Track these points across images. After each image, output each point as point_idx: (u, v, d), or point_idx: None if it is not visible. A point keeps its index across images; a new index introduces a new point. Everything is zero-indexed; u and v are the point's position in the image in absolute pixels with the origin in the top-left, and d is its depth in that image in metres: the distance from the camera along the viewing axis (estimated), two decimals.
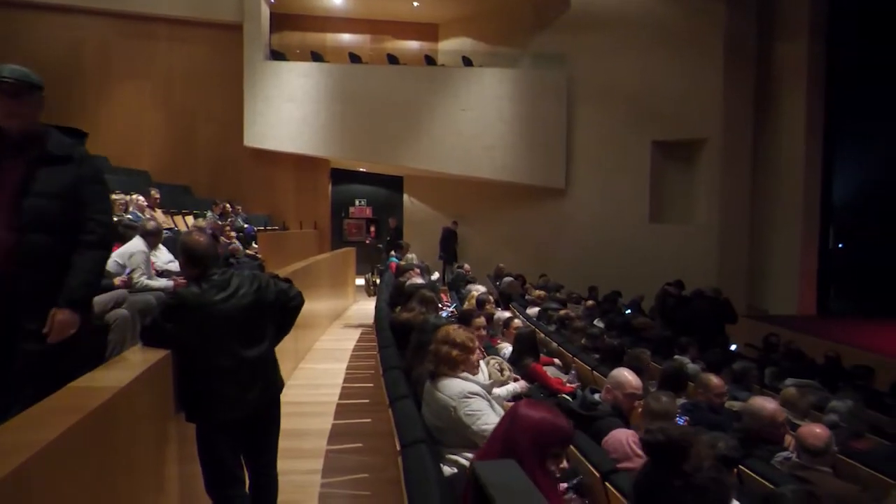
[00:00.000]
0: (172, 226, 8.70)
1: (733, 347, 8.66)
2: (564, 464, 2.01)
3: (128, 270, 4.24)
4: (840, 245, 15.66)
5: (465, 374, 2.92)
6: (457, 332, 3.04)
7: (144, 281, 4.32)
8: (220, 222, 8.93)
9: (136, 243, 4.52)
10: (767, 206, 14.58)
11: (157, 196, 8.48)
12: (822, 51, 14.13)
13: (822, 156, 14.28)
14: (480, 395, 2.84)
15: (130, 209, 6.93)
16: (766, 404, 3.56)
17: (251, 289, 2.80)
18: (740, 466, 3.09)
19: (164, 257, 5.16)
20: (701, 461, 1.44)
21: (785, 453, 3.40)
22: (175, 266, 4.92)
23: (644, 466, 1.55)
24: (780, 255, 14.42)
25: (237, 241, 8.56)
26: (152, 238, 4.70)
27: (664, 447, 1.45)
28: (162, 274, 4.82)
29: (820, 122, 14.16)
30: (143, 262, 4.40)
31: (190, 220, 9.48)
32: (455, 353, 2.93)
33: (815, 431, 3.12)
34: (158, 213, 8.17)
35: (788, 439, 3.50)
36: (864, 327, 12.41)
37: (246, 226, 10.52)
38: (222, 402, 2.67)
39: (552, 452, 1.92)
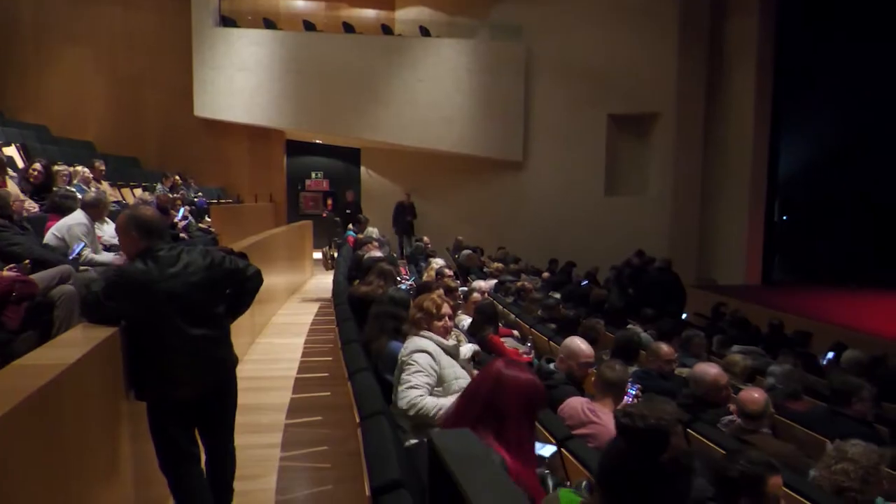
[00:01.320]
0: (120, 199, 8.39)
1: (684, 316, 8.97)
2: None
3: (77, 249, 4.07)
4: (784, 217, 16.28)
5: (425, 333, 2.93)
6: (426, 297, 3.06)
7: (89, 255, 4.15)
8: (170, 195, 8.66)
9: (76, 216, 4.31)
10: (717, 180, 15.01)
11: (103, 168, 8.15)
12: (772, 28, 14.46)
13: (769, 131, 14.73)
14: (431, 352, 2.83)
15: (75, 181, 6.64)
16: (708, 369, 3.71)
17: (202, 266, 2.70)
18: (688, 430, 3.23)
19: (110, 231, 4.98)
20: (677, 451, 1.40)
21: (729, 416, 3.56)
22: None
23: (615, 446, 1.46)
24: (728, 226, 14.90)
25: (190, 216, 8.33)
26: (94, 210, 4.46)
27: (643, 435, 1.38)
28: (109, 248, 4.65)
29: (768, 98, 14.55)
30: (83, 235, 4.19)
31: (139, 192, 9.15)
32: (418, 315, 2.96)
33: (754, 396, 3.28)
34: (104, 186, 7.86)
35: (733, 407, 3.66)
36: (805, 295, 12.99)
37: (198, 199, 10.24)
38: (171, 381, 2.61)
39: (538, 412, 1.96)
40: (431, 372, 2.76)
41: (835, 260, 15.50)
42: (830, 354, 7.00)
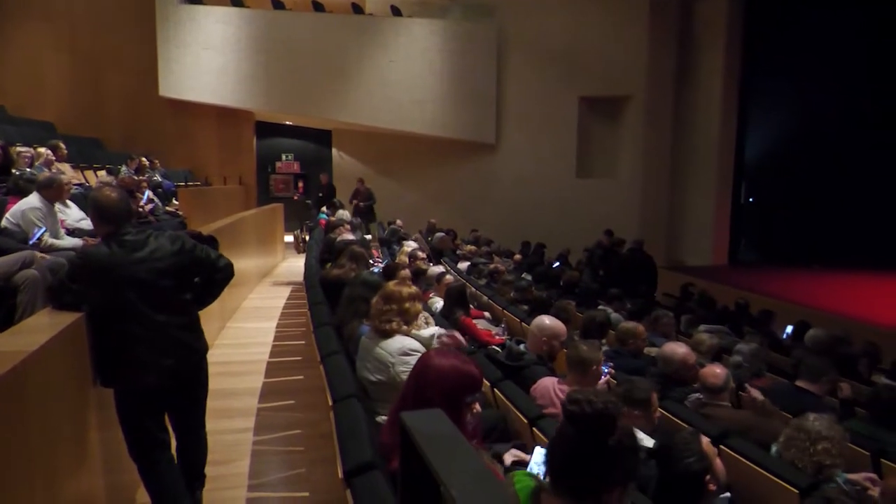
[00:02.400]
0: (83, 181, 8.16)
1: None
2: (477, 408, 2.07)
3: (37, 234, 3.94)
4: (751, 199, 16.62)
5: (407, 330, 2.95)
6: (400, 289, 3.04)
7: (50, 240, 4.01)
8: (135, 177, 8.45)
9: (31, 200, 4.10)
10: (686, 162, 15.24)
11: (65, 149, 7.89)
12: (740, 11, 14.64)
13: (736, 114, 14.97)
14: (420, 352, 2.87)
15: (36, 164, 6.43)
16: (676, 349, 3.80)
17: (170, 251, 2.64)
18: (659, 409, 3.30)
19: (74, 214, 4.85)
20: (623, 434, 1.43)
21: (697, 394, 3.65)
22: (87, 224, 4.63)
23: (564, 433, 1.48)
24: (696, 208, 15.18)
25: (156, 199, 8.14)
26: (49, 192, 4.21)
27: (590, 420, 1.41)
28: (73, 233, 4.53)
29: (736, 81, 14.78)
30: (39, 220, 4.01)
31: (102, 174, 8.91)
32: (393, 308, 2.95)
33: (715, 371, 3.40)
34: (66, 168, 7.63)
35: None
36: (769, 276, 13.33)
37: (165, 181, 10.01)
38: (136, 367, 2.56)
39: (465, 401, 1.96)
40: None
41: (798, 241, 15.92)
42: (789, 329, 7.21)
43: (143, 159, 9.87)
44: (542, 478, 1.56)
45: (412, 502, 0.86)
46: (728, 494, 2.24)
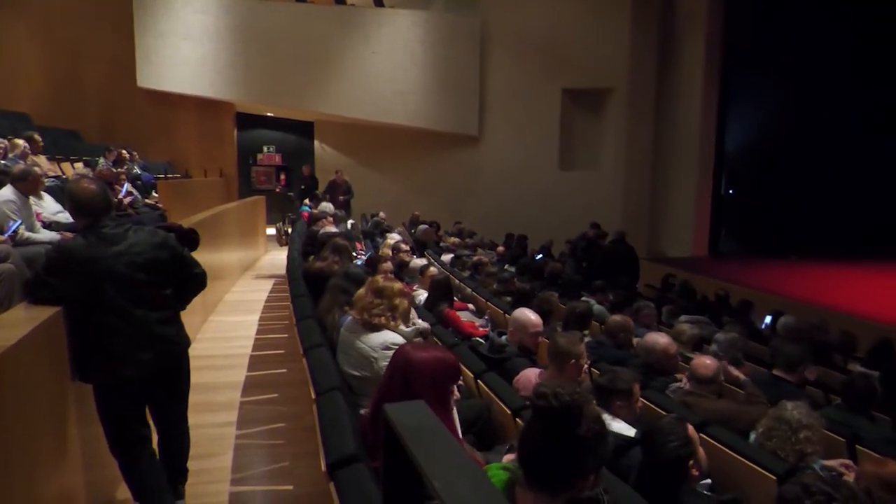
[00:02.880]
0: (60, 174, 8.01)
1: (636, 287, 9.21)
2: (457, 394, 2.09)
3: (12, 227, 3.86)
4: (731, 191, 16.81)
5: (395, 326, 2.95)
6: (388, 284, 3.04)
7: (26, 234, 3.94)
8: (114, 169, 8.31)
9: (4, 192, 4.05)
10: (667, 155, 15.35)
11: (41, 141, 7.74)
12: (722, 3, 14.72)
13: (717, 106, 15.10)
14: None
15: (10, 155, 6.30)
16: (658, 339, 3.84)
17: (150, 245, 2.61)
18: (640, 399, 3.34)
19: (50, 207, 4.77)
20: (591, 422, 1.44)
21: (678, 384, 3.70)
22: (64, 217, 4.56)
23: (534, 427, 1.48)
24: (677, 200, 15.31)
25: (135, 192, 8.02)
26: (24, 185, 4.16)
27: (557, 413, 1.41)
28: (49, 226, 4.45)
29: (716, 73, 14.89)
30: (13, 213, 3.95)
31: (79, 167, 8.76)
32: (384, 303, 2.94)
33: (706, 362, 3.41)
34: (42, 160, 7.49)
35: (681, 375, 3.80)
36: (748, 266, 13.50)
37: (144, 174, 9.87)
38: (114, 361, 2.52)
39: (449, 388, 2.00)
40: None
41: (776, 233, 16.15)
42: (768, 319, 7.32)
43: (122, 151, 9.73)
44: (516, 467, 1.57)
45: (396, 494, 0.87)
46: (709, 481, 2.28)
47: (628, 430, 2.62)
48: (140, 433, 2.66)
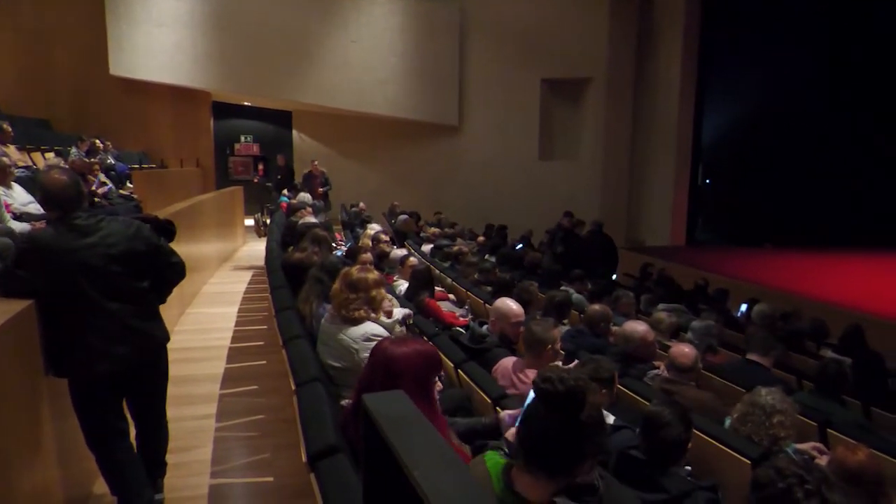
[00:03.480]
0: (30, 164, 7.83)
1: (614, 277, 9.31)
2: (440, 386, 2.10)
3: None
4: (707, 181, 17.01)
5: (375, 318, 2.94)
6: (365, 276, 3.02)
7: None
8: (87, 160, 8.15)
9: None
10: (646, 145, 15.48)
11: (10, 130, 7.55)
12: None
13: (694, 97, 15.24)
14: (383, 336, 2.87)
15: None
16: (636, 327, 3.89)
17: (124, 236, 2.55)
18: (619, 385, 3.38)
19: (21, 198, 4.66)
20: (593, 409, 1.45)
21: (656, 371, 3.75)
22: (35, 208, 4.46)
23: (536, 411, 1.50)
24: (655, 190, 15.46)
25: (109, 182, 7.88)
26: None
27: (562, 398, 1.43)
28: (20, 217, 4.35)
29: (694, 64, 15.01)
30: None
31: (50, 157, 8.57)
32: (361, 296, 2.93)
33: (684, 351, 3.45)
34: (11, 150, 7.30)
35: (659, 362, 3.86)
36: (725, 255, 13.71)
37: (118, 164, 9.69)
38: (89, 356, 2.47)
39: (432, 381, 2.02)
40: None
41: (751, 222, 16.40)
42: (744, 307, 7.45)
43: (96, 141, 9.54)
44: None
45: (376, 485, 0.87)
46: (689, 468, 2.32)
47: (609, 417, 2.66)
48: (117, 427, 2.63)
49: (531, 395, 1.96)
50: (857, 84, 15.41)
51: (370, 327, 2.88)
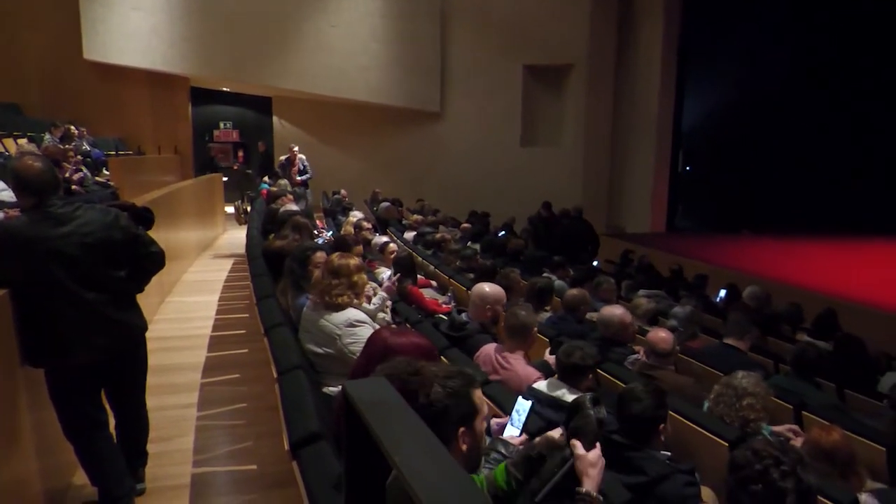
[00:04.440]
0: (2, 150, 7.66)
1: (595, 263, 9.38)
2: None
3: None
4: (687, 168, 17.16)
5: (358, 303, 2.93)
6: (346, 261, 3.00)
7: None
8: (61, 146, 7.98)
9: None
10: (627, 132, 15.55)
11: None
12: None
13: (675, 83, 15.32)
14: (366, 322, 2.87)
15: None
16: (614, 311, 3.95)
17: (101, 224, 2.51)
18: (598, 370, 3.42)
19: None
20: (430, 388, 1.44)
21: (635, 356, 3.80)
22: (8, 195, 4.36)
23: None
24: (636, 177, 15.57)
25: (85, 170, 7.73)
26: None
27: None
28: None
29: (674, 51, 15.08)
30: None
31: (23, 143, 8.38)
32: (343, 282, 2.91)
33: (662, 336, 3.51)
34: None
35: (639, 347, 3.91)
36: (704, 241, 13.87)
37: (94, 150, 9.51)
38: (66, 345, 2.44)
39: None
40: None
41: (730, 209, 16.61)
42: (722, 293, 7.56)
43: (70, 127, 9.35)
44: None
45: (357, 470, 0.87)
46: (668, 453, 2.36)
47: None
48: (95, 417, 2.60)
49: (520, 399, 2.00)
50: (834, 73, 15.60)
51: (352, 313, 2.87)
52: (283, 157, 11.19)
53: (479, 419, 1.50)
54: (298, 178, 10.71)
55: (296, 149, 11.23)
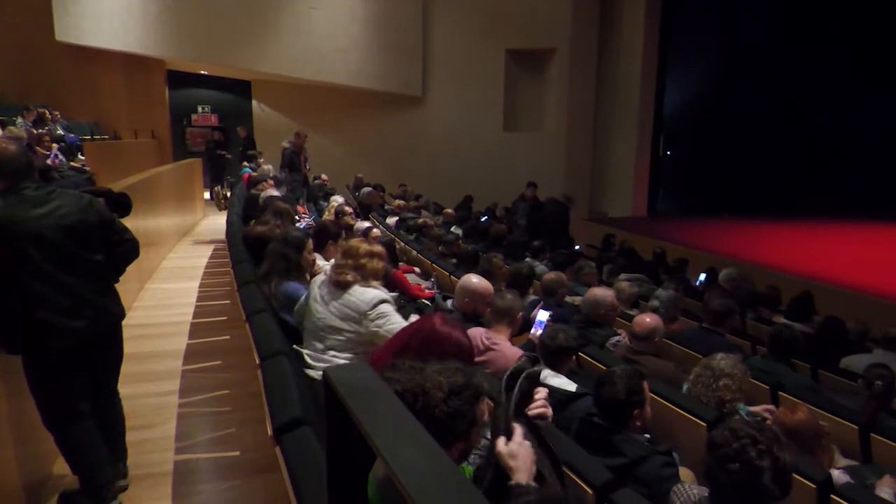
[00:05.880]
0: None
1: (577, 248, 9.44)
2: None
3: None
4: (668, 152, 17.28)
5: (364, 284, 2.91)
6: (358, 245, 3.01)
7: None
8: (34, 131, 7.81)
9: None
10: (608, 116, 15.59)
11: None
12: None
13: (656, 68, 15.37)
14: (389, 301, 2.89)
15: None
16: (606, 292, 4.02)
17: (76, 207, 2.48)
18: (581, 353, 3.46)
19: None
20: (434, 410, 1.39)
21: (616, 338, 3.84)
22: None
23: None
24: (618, 161, 15.64)
25: (60, 154, 7.57)
26: None
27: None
28: None
29: (656, 36, 15.11)
30: None
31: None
32: (352, 262, 2.91)
33: (645, 320, 3.55)
34: None
35: (621, 330, 3.96)
36: (684, 225, 14.01)
37: (68, 135, 9.31)
38: (43, 331, 2.40)
39: None
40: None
41: (710, 193, 16.79)
42: (703, 276, 7.66)
43: (44, 111, 9.14)
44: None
45: (340, 456, 0.87)
46: (648, 436, 2.40)
47: (570, 385, 2.72)
48: (74, 407, 2.56)
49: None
50: (814, 57, 15.75)
51: (377, 293, 2.85)
52: (288, 147, 9.65)
53: (476, 430, 1.49)
54: (308, 165, 9.72)
55: (306, 136, 9.98)
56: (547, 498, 1.34)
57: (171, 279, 7.01)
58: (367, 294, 2.83)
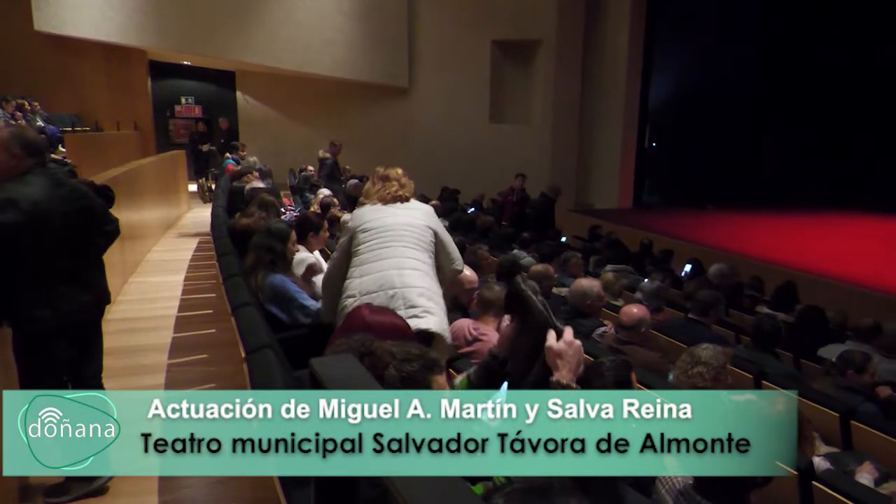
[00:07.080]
0: None
1: (563, 239, 9.47)
2: None
3: None
4: (654, 144, 17.35)
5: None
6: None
7: None
8: (13, 122, 7.68)
9: None
10: (594, 108, 15.59)
11: None
12: None
13: (642, 60, 15.39)
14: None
15: None
16: (591, 283, 4.02)
17: (82, 192, 2.63)
18: None
19: None
20: (383, 370, 1.39)
21: (603, 328, 3.87)
22: None
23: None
24: (604, 153, 15.67)
25: None
26: None
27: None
28: None
29: (642, 27, 15.11)
30: None
31: None
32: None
33: (633, 311, 3.58)
34: None
35: (608, 321, 3.99)
36: (669, 217, 14.11)
37: (48, 126, 9.17)
38: (60, 299, 2.47)
39: None
40: None
41: (695, 184, 16.90)
42: (688, 268, 7.73)
43: (23, 102, 8.99)
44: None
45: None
46: None
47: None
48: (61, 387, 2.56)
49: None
50: (800, 51, 15.88)
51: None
52: (328, 157, 9.43)
53: None
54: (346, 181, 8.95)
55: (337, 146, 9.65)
56: None
57: (156, 273, 6.95)
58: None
